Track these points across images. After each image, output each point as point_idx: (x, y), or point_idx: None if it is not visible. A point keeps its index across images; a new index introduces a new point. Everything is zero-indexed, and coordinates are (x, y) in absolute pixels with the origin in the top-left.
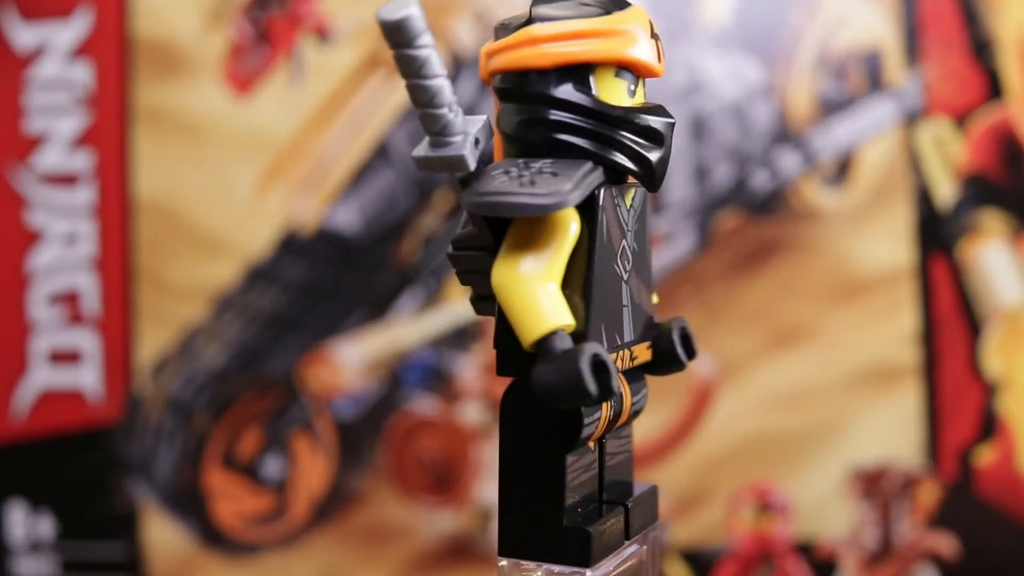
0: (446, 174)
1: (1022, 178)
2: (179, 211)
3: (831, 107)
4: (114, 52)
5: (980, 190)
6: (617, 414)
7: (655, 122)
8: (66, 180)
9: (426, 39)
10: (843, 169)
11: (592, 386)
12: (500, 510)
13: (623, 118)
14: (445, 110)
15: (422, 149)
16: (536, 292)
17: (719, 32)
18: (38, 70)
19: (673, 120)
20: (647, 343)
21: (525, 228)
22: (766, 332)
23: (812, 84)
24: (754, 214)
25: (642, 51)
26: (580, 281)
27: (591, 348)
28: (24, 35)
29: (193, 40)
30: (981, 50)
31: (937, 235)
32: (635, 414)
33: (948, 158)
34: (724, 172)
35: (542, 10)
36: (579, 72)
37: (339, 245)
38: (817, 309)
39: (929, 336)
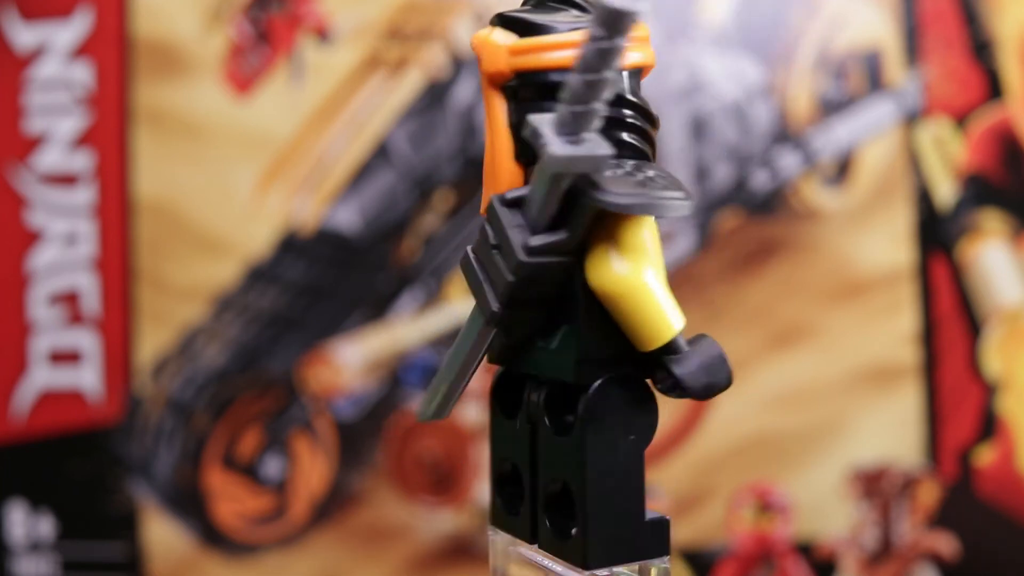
0: (582, 172)
1: (1022, 178)
2: (179, 211)
3: (831, 107)
4: (114, 52)
5: (980, 190)
6: None
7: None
8: (66, 180)
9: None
10: (843, 169)
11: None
12: None
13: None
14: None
15: (562, 148)
16: (665, 295)
17: (719, 32)
18: (38, 70)
19: None
20: None
21: (632, 229)
22: (766, 332)
23: (812, 84)
24: (754, 214)
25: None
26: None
27: (708, 338)
28: (24, 35)
29: (193, 40)
30: (981, 50)
31: (937, 235)
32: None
33: (948, 158)
34: (724, 172)
35: None
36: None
37: (339, 245)
38: (817, 309)
39: (929, 336)
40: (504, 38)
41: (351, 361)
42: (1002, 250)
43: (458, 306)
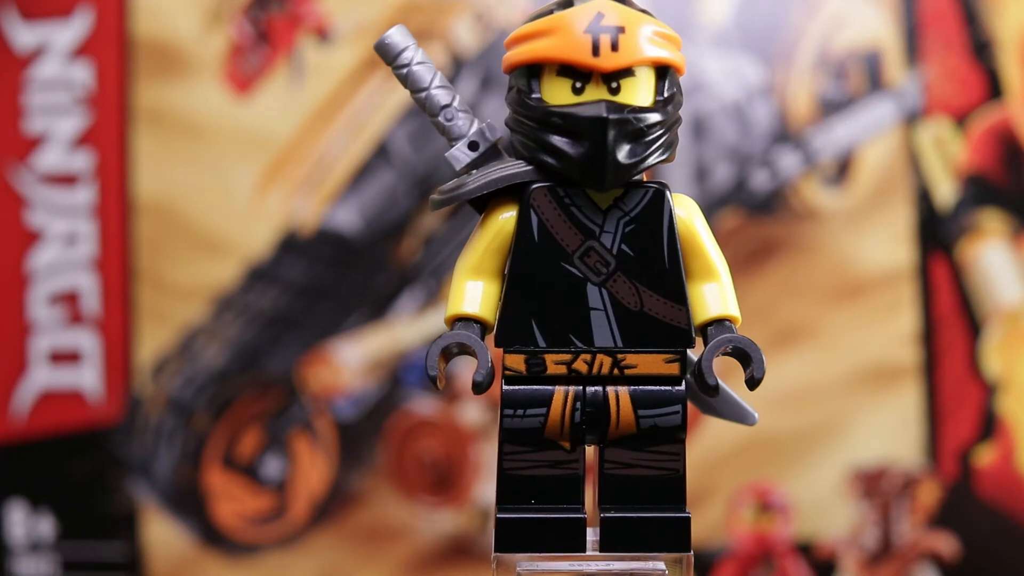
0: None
1: (1022, 178)
2: (179, 211)
3: (831, 107)
4: (114, 52)
5: (980, 190)
6: (595, 418)
7: (576, 119)
8: (66, 180)
9: (404, 59)
10: (843, 169)
11: (432, 370)
12: None
13: (544, 116)
14: (439, 118)
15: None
16: (453, 283)
17: (719, 32)
18: (38, 70)
19: (603, 116)
20: (667, 355)
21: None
22: (766, 332)
23: (812, 84)
24: (754, 214)
25: (558, 48)
26: (504, 275)
27: (448, 337)
28: (24, 35)
29: (193, 40)
30: (981, 50)
31: (937, 235)
32: (653, 430)
33: (948, 158)
34: (724, 172)
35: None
36: (526, 74)
37: (339, 245)
38: (817, 309)
39: (929, 336)
40: None
41: (351, 361)
42: (1002, 250)
43: None
